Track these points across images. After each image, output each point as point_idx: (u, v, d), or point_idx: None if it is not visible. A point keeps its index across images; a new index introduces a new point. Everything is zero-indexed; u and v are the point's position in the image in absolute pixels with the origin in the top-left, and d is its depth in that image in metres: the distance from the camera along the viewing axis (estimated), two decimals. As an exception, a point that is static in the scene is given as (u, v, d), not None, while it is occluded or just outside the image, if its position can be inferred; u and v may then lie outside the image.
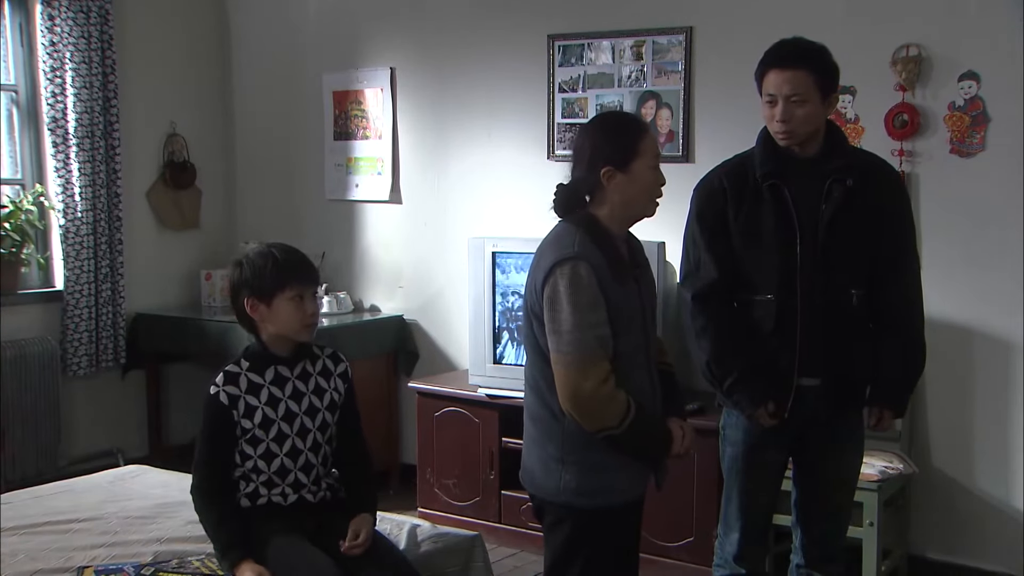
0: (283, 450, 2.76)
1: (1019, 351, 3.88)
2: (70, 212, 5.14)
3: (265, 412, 2.74)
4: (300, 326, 2.75)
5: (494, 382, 4.48)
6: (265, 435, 2.75)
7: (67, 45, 5.09)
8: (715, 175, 2.98)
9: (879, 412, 2.97)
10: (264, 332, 2.78)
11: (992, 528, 3.98)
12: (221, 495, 2.77)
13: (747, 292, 2.90)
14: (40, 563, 2.92)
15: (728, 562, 3.06)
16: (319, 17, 5.56)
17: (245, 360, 2.79)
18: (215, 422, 2.75)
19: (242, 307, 2.76)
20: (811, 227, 2.83)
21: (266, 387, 2.76)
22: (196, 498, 2.81)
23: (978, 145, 3.90)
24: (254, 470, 2.76)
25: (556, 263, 2.41)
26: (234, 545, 2.70)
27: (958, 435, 4.03)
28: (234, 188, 5.99)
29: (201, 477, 2.79)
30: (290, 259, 2.77)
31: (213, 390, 2.74)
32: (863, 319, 2.90)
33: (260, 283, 2.73)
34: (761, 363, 2.89)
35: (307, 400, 2.80)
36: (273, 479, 2.76)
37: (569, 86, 4.77)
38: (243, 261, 2.79)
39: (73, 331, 5.19)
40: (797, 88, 2.77)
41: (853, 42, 4.03)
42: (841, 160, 2.85)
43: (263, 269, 2.74)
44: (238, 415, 2.73)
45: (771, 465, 3.02)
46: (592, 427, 2.44)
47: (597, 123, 2.61)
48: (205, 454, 2.79)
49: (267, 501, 2.77)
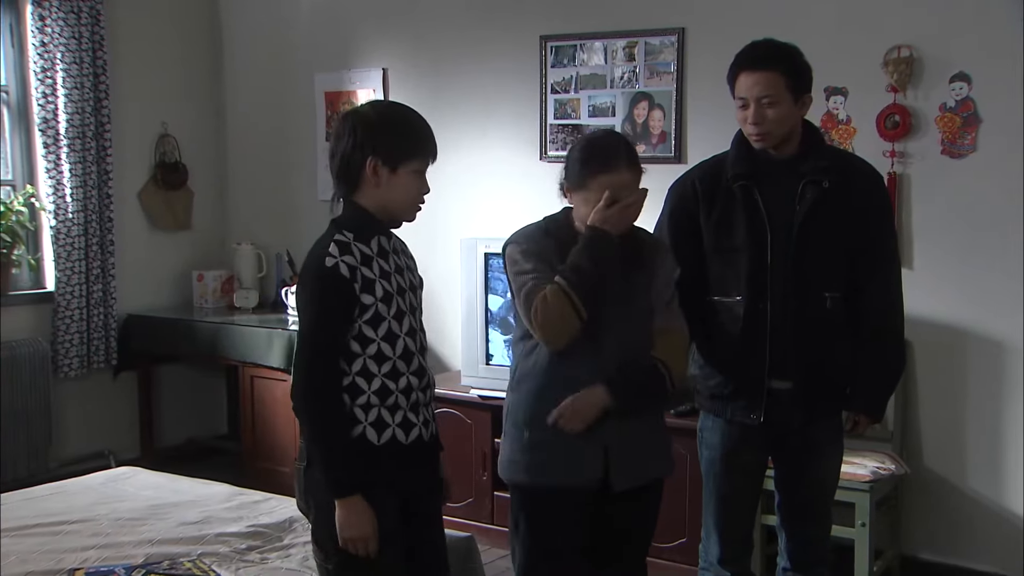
0: (403, 329, 2.41)
1: (1011, 352, 3.89)
2: (61, 213, 5.13)
3: (383, 285, 2.38)
4: (415, 203, 2.44)
5: (486, 383, 4.47)
6: (387, 312, 2.38)
7: (58, 46, 5.07)
8: (689, 177, 2.99)
9: (855, 417, 2.96)
10: (368, 199, 2.40)
11: (984, 528, 3.99)
12: (340, 396, 2.36)
13: (718, 294, 2.90)
14: (31, 565, 2.91)
15: (713, 565, 3.06)
16: (311, 18, 5.55)
17: (347, 230, 2.39)
18: (334, 299, 2.33)
19: (358, 165, 2.37)
20: (784, 229, 2.81)
21: (375, 259, 2.40)
22: (310, 400, 2.35)
23: (969, 146, 3.91)
24: (377, 356, 2.37)
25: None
26: (352, 469, 2.33)
27: (950, 435, 4.04)
28: (226, 189, 5.98)
29: (316, 373, 2.35)
30: (426, 128, 2.44)
31: (330, 261, 2.33)
32: (838, 322, 2.86)
33: (394, 145, 2.38)
34: (730, 364, 2.89)
35: (406, 276, 2.48)
36: (398, 365, 2.39)
37: (562, 87, 4.77)
38: (372, 115, 2.42)
39: (64, 332, 5.17)
40: (768, 89, 2.75)
41: (845, 43, 4.05)
42: (817, 161, 2.83)
43: (402, 131, 2.40)
44: (358, 289, 2.35)
45: (749, 468, 3.00)
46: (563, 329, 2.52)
47: (581, 141, 2.72)
48: (321, 342, 2.35)
49: (391, 436, 2.39)
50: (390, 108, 2.52)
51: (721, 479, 2.99)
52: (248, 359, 5.08)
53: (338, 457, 2.34)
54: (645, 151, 4.53)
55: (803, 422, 2.89)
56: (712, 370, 2.95)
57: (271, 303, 5.62)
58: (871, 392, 2.95)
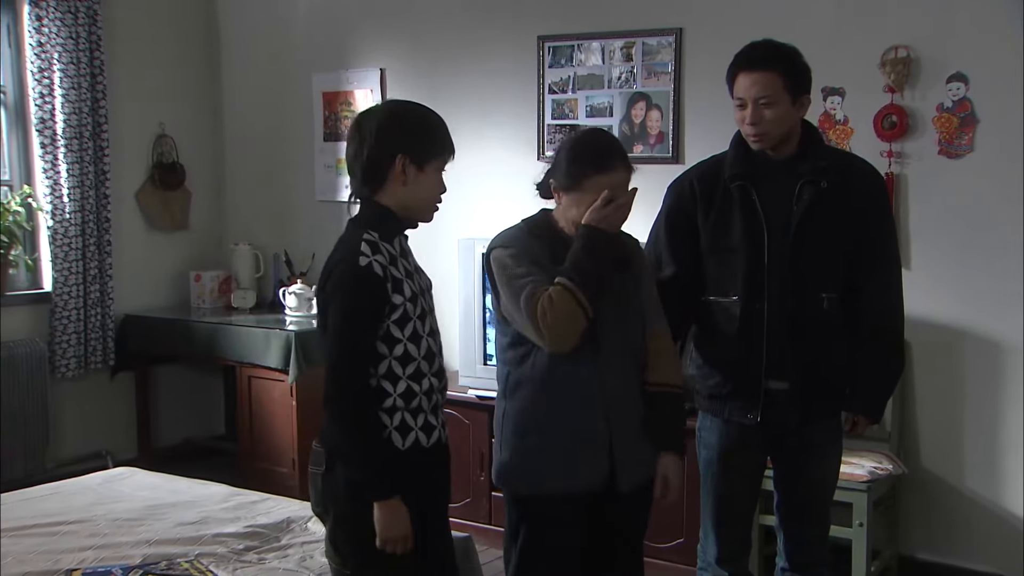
0: (425, 330, 2.41)
1: (1009, 352, 3.90)
2: (58, 213, 5.12)
3: (409, 285, 2.37)
4: (436, 201, 2.46)
5: (484, 383, 4.47)
6: (413, 312, 2.36)
7: (55, 46, 5.06)
8: (687, 177, 2.98)
9: (854, 418, 2.96)
10: (391, 198, 2.39)
11: (981, 528, 3.99)
12: (374, 398, 2.34)
13: (715, 294, 2.90)
14: (28, 566, 2.90)
15: (711, 564, 3.06)
16: (309, 18, 5.55)
17: (372, 230, 2.37)
18: (369, 299, 2.30)
19: (386, 163, 2.36)
20: (781, 229, 2.80)
21: (399, 258, 2.39)
22: (348, 402, 2.31)
23: (966, 146, 3.91)
24: (402, 357, 2.35)
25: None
26: (391, 472, 2.32)
27: (947, 435, 4.04)
28: (223, 189, 5.97)
29: (353, 375, 2.31)
30: (445, 126, 2.44)
31: (363, 261, 2.30)
32: (835, 323, 2.86)
33: (425, 143, 2.38)
34: (727, 364, 2.89)
35: (422, 277, 2.48)
36: (421, 367, 2.39)
37: (559, 87, 4.77)
38: (399, 114, 2.42)
39: (61, 333, 5.16)
40: (765, 90, 2.75)
41: (842, 43, 4.06)
42: (815, 162, 2.82)
43: (433, 129, 2.41)
44: (390, 289, 2.33)
45: (747, 468, 3.00)
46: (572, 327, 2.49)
47: (571, 140, 2.69)
48: (357, 343, 2.31)
49: (415, 440, 2.38)
50: (414, 107, 2.49)
51: (719, 479, 2.99)
52: (245, 359, 5.07)
53: (378, 460, 2.32)
54: (643, 151, 4.53)
55: (800, 422, 2.89)
56: (710, 370, 2.95)
57: (268, 303, 5.62)
58: (870, 393, 2.94)
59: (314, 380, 4.91)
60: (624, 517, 2.68)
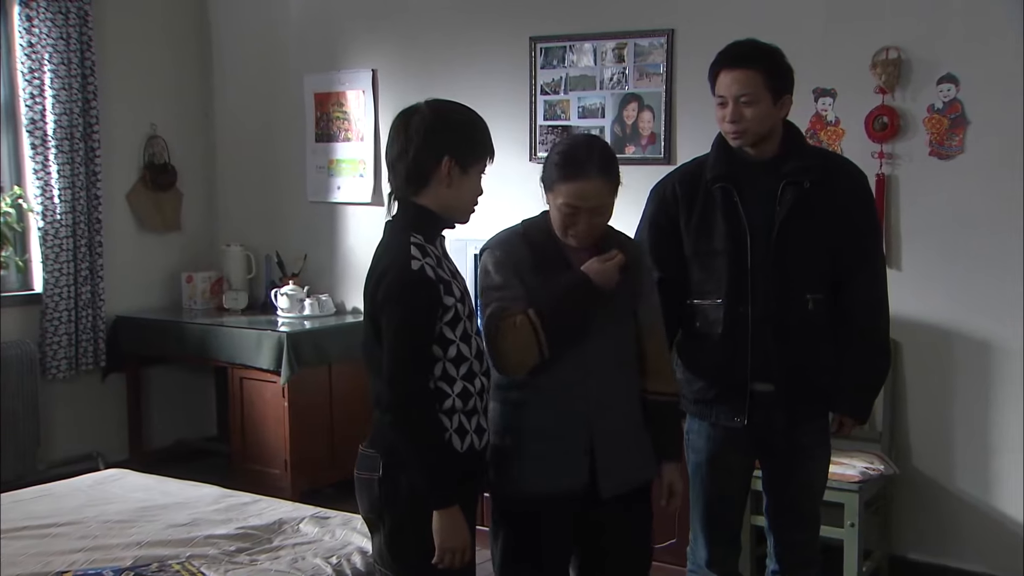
0: (473, 329, 2.39)
1: (998, 352, 3.91)
2: (49, 214, 5.11)
3: (456, 285, 2.35)
4: (474, 204, 2.44)
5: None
6: (463, 312, 2.34)
7: (46, 47, 5.05)
8: (668, 180, 2.98)
9: (840, 418, 2.95)
10: (433, 200, 2.37)
11: (972, 528, 4.00)
12: (435, 403, 2.31)
13: (698, 297, 2.89)
14: (18, 568, 2.89)
15: (701, 567, 3.06)
16: (300, 19, 5.54)
17: (416, 232, 2.34)
18: (425, 302, 2.27)
19: (431, 164, 2.34)
20: (764, 231, 2.79)
21: (443, 259, 2.38)
22: (412, 408, 2.27)
23: (957, 147, 3.92)
24: (456, 358, 2.33)
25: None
26: (452, 479, 2.29)
27: (938, 436, 4.05)
28: (215, 190, 5.96)
29: (415, 380, 2.27)
30: (487, 128, 2.44)
31: (415, 264, 2.27)
32: (821, 324, 2.85)
33: (472, 145, 2.38)
34: (712, 367, 2.89)
35: (461, 277, 2.45)
36: (473, 366, 2.37)
37: (551, 88, 4.78)
38: (445, 115, 2.39)
39: (52, 334, 5.15)
40: (746, 88, 2.75)
41: (833, 45, 4.07)
42: (798, 162, 2.81)
43: (479, 131, 2.41)
44: (443, 291, 2.30)
45: (735, 471, 2.99)
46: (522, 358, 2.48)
47: (558, 143, 2.73)
48: (416, 349, 2.27)
49: (470, 443, 2.36)
50: (460, 108, 2.45)
51: (707, 482, 2.99)
52: (237, 360, 5.06)
53: (443, 467, 2.28)
54: (634, 152, 4.54)
55: (787, 424, 2.88)
56: (695, 374, 2.94)
57: (260, 304, 5.61)
58: (856, 393, 2.93)
59: (306, 381, 4.94)
60: (612, 522, 2.64)
